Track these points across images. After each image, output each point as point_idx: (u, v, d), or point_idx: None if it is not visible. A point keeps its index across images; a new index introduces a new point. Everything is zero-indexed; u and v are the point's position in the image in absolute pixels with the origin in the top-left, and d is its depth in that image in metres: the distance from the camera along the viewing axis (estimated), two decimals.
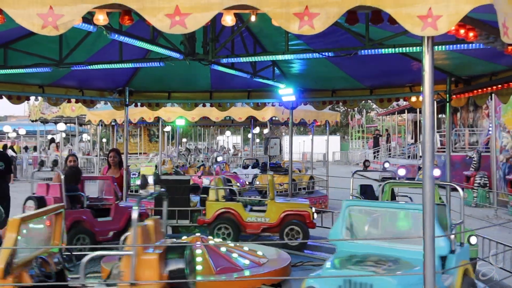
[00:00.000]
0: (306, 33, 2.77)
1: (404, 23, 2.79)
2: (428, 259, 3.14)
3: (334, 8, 2.77)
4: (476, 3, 2.72)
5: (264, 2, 2.76)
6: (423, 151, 3.17)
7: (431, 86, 3.13)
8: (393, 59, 7.02)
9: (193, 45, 6.17)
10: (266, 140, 18.48)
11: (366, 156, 37.76)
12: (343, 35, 6.22)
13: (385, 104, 9.98)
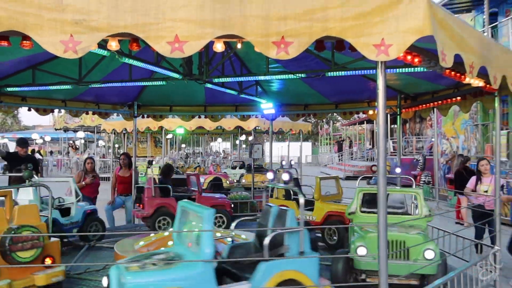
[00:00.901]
0: (282, 58, 2.78)
1: (362, 51, 2.80)
2: (381, 240, 3.14)
3: (305, 38, 2.78)
4: (419, 35, 2.74)
5: (248, 33, 2.76)
6: (377, 154, 3.18)
7: (384, 101, 3.14)
8: (354, 79, 7.04)
9: (190, 67, 6.15)
10: (251, 146, 18.43)
11: (333, 159, 37.87)
12: (314, 59, 6.24)
13: (348, 116, 10.02)
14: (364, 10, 2.78)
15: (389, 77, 7.08)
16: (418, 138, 25.41)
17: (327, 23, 2.80)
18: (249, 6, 2.76)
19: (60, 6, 2.66)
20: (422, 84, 7.10)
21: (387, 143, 27.67)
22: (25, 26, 2.65)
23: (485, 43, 3.74)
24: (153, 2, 2.70)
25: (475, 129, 15.90)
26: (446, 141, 18.01)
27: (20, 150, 7.93)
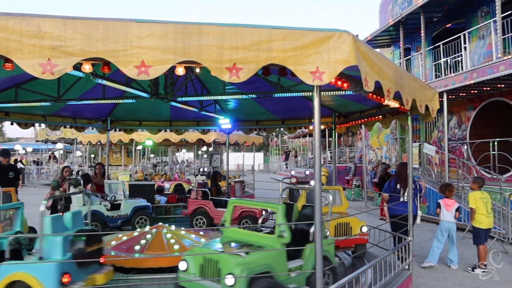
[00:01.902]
0: (234, 81, 2.80)
1: (300, 76, 2.87)
2: (317, 242, 3.19)
3: (253, 65, 2.82)
4: (346, 64, 2.84)
5: (205, 59, 2.77)
6: (314, 163, 3.23)
7: (319, 119, 3.21)
8: (297, 99, 7.14)
9: (157, 87, 6.05)
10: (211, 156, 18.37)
11: (281, 166, 38.21)
12: (263, 82, 6.27)
13: (292, 131, 10.23)
14: (302, 43, 2.85)
15: (325, 98, 7.26)
16: (351, 149, 26.07)
17: (272, 53, 2.85)
18: (206, 37, 2.78)
19: (39, 34, 2.60)
20: (352, 104, 7.31)
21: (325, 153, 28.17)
22: (7, 50, 2.59)
23: (399, 72, 3.90)
24: (122, 32, 2.67)
25: (395, 142, 16.51)
26: (372, 151, 18.59)
27: (3, 160, 7.87)
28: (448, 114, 12.70)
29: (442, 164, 11.94)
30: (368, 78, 3.08)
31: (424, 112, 4.86)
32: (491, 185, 10.17)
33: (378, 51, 15.09)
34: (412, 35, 15.64)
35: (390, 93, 3.60)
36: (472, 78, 10.23)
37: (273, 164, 45.63)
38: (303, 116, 9.16)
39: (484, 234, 6.72)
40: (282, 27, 2.88)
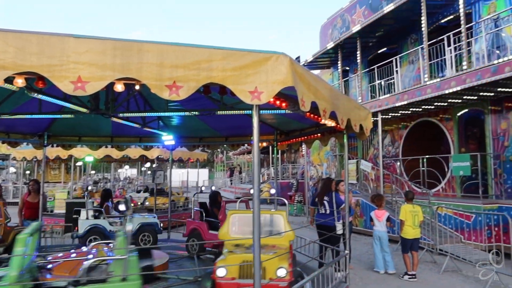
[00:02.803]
0: (174, 99, 2.81)
1: (239, 96, 2.93)
2: (256, 250, 3.21)
3: (193, 83, 2.84)
4: (283, 85, 2.94)
5: (144, 77, 2.75)
6: (253, 179, 3.28)
7: (258, 136, 3.27)
8: (240, 117, 7.22)
9: (97, 102, 5.86)
10: (154, 172, 17.95)
11: (226, 183, 38.08)
12: (207, 100, 6.31)
13: (235, 148, 10.23)
14: (241, 64, 2.92)
15: (267, 116, 7.41)
16: (293, 165, 26.62)
17: (212, 72, 2.89)
18: (146, 55, 2.77)
19: None
20: (293, 123, 7.51)
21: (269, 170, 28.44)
22: None
23: (334, 93, 4.10)
24: (58, 46, 2.60)
25: (335, 158, 17.10)
26: (313, 168, 19.09)
27: None
28: (383, 132, 13.41)
29: (377, 180, 12.53)
30: (304, 99, 3.21)
31: (358, 131, 5.11)
32: (421, 199, 10.81)
33: (318, 72, 15.74)
34: (350, 58, 16.44)
35: (326, 113, 3.76)
36: (403, 99, 10.92)
37: (218, 180, 45.39)
38: (246, 133, 9.25)
39: (409, 244, 7.17)
40: (222, 48, 2.94)
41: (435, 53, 11.45)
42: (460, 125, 11.56)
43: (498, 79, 8.08)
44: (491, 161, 10.11)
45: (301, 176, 21.84)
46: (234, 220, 5.64)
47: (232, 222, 5.62)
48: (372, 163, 13.78)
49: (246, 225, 5.45)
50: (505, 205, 9.23)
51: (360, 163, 12.73)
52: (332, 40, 16.31)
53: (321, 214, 7.19)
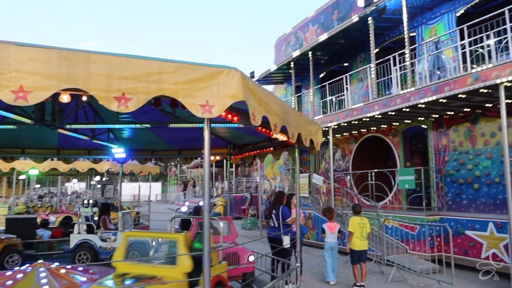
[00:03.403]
0: (123, 111, 2.75)
1: (191, 109, 2.92)
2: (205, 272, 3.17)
3: (143, 95, 2.80)
4: (234, 99, 2.96)
5: (92, 87, 2.68)
6: (203, 193, 3.25)
7: (209, 149, 3.28)
8: (193, 130, 7.16)
9: (43, 113, 5.61)
10: (103, 186, 17.32)
11: (179, 197, 37.43)
12: (159, 112, 6.23)
13: (188, 161, 10.12)
14: (192, 77, 2.92)
15: (221, 130, 7.41)
16: (247, 179, 26.66)
17: (162, 85, 2.86)
18: (94, 65, 2.70)
19: None
20: (246, 137, 7.56)
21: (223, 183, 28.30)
22: None
23: (285, 108, 4.18)
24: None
25: (288, 172, 17.33)
26: (267, 181, 19.22)
27: None
28: (334, 147, 13.79)
29: (328, 193, 12.82)
30: (255, 113, 3.25)
31: (309, 145, 5.22)
32: (370, 211, 11.18)
33: (272, 87, 15.91)
34: (303, 74, 16.86)
35: (277, 127, 3.83)
36: (352, 115, 11.32)
37: (171, 194, 44.56)
38: (199, 146, 9.07)
39: (357, 256, 7.39)
40: (173, 61, 2.93)
41: (382, 72, 12.01)
42: (406, 140, 12.14)
43: (438, 98, 8.59)
44: (433, 175, 10.66)
45: (255, 190, 21.90)
46: (129, 243, 4.83)
47: (127, 245, 4.80)
48: (324, 176, 14.10)
49: (141, 251, 4.74)
50: (446, 216, 9.75)
51: (312, 177, 12.98)
52: (286, 57, 16.70)
53: (271, 227, 7.26)
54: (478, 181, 9.55)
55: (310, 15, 17.29)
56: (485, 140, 9.51)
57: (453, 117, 10.31)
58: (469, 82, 7.87)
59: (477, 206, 9.52)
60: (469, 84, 7.87)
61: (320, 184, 12.86)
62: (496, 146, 9.18)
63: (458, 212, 9.72)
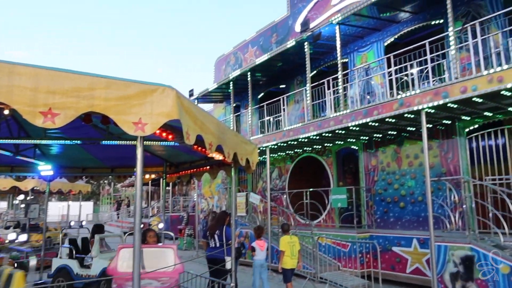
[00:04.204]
0: (49, 126, 2.61)
1: (122, 126, 2.84)
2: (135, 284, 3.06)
3: (71, 111, 2.69)
4: (169, 118, 2.93)
5: (15, 101, 2.52)
6: (134, 212, 3.16)
7: (142, 168, 3.22)
8: (128, 147, 6.92)
9: None
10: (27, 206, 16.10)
11: (112, 216, 35.77)
12: (92, 128, 5.98)
13: (121, 180, 9.72)
14: (125, 94, 2.86)
15: (157, 148, 7.25)
16: (185, 198, 26.20)
17: (93, 100, 2.77)
18: (18, 78, 2.56)
19: None
20: (183, 155, 7.46)
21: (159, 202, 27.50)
22: None
23: (221, 127, 4.21)
24: None
25: (225, 191, 17.30)
26: (205, 200, 19.03)
27: None
28: (271, 166, 14.03)
29: (265, 212, 12.95)
30: (190, 132, 3.24)
31: (245, 165, 5.28)
32: (304, 230, 11.44)
33: (212, 105, 15.95)
34: (241, 94, 17.11)
35: (212, 146, 3.83)
36: (289, 135, 11.64)
37: (103, 214, 42.45)
38: (134, 164, 8.81)
39: (289, 273, 7.57)
40: (105, 76, 2.86)
41: (318, 95, 12.53)
42: (339, 161, 12.67)
43: (368, 121, 9.12)
44: (364, 194, 11.20)
45: (192, 209, 21.56)
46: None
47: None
48: (261, 195, 14.25)
49: None
50: (375, 233, 10.24)
51: (249, 196, 13.07)
52: (225, 76, 16.87)
53: (211, 248, 7.22)
54: (404, 200, 10.18)
55: (250, 36, 17.70)
56: (409, 161, 10.20)
57: (382, 140, 10.97)
58: (395, 107, 8.45)
59: (403, 223, 10.11)
60: (395, 109, 8.45)
61: (257, 203, 12.97)
62: (419, 167, 9.88)
63: (386, 229, 10.26)
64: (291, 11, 15.44)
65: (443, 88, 7.61)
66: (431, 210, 7.65)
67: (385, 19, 11.07)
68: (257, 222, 13.33)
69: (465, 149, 9.16)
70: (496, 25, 8.84)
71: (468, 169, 9.03)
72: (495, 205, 7.85)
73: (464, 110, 8.25)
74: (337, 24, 10.79)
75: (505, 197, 7.49)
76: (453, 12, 8.66)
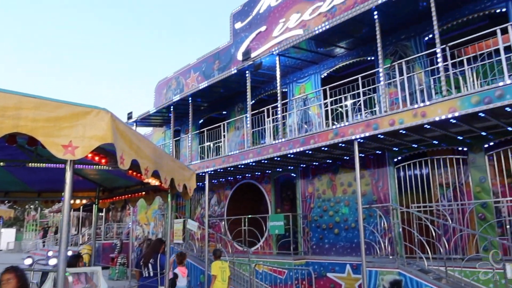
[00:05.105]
0: None
1: (51, 149, 2.70)
2: None
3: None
4: (102, 141, 2.84)
5: None
6: (60, 240, 2.97)
7: (70, 193, 3.06)
8: (58, 170, 6.54)
9: None
10: None
11: (37, 245, 33.16)
12: (18, 149, 5.61)
13: (49, 205, 9.07)
14: (55, 115, 2.74)
15: (90, 172, 6.93)
16: (119, 224, 25.05)
17: (19, 121, 2.62)
18: None
19: None
20: (118, 180, 7.19)
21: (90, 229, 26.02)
22: None
23: (158, 152, 4.14)
24: None
25: (162, 218, 16.81)
26: (140, 227, 18.32)
27: None
28: (210, 192, 13.90)
29: (203, 239, 12.72)
30: (124, 156, 3.15)
31: (182, 191, 5.19)
32: (242, 257, 11.36)
33: (151, 129, 15.65)
34: (182, 119, 16.98)
35: (148, 172, 3.74)
36: (228, 162, 11.67)
37: (27, 242, 39.26)
38: (63, 188, 8.40)
39: None
40: (35, 96, 2.72)
41: (258, 122, 12.77)
42: (277, 187, 12.87)
43: (305, 149, 9.41)
44: (300, 221, 11.41)
45: (126, 236, 20.62)
46: None
47: None
48: (199, 222, 14.01)
49: None
50: (311, 260, 10.42)
51: (187, 223, 12.80)
52: (166, 100, 16.69)
53: (144, 277, 6.96)
54: (338, 226, 10.51)
55: (193, 62, 17.79)
56: (343, 189, 10.61)
57: (318, 167, 11.34)
58: (330, 137, 8.83)
59: (337, 250, 10.40)
60: (330, 138, 8.82)
61: (195, 230, 12.72)
62: (352, 195, 10.30)
63: (321, 256, 10.48)
64: (234, 40, 15.78)
65: (374, 120, 8.09)
66: (363, 237, 7.97)
67: (322, 53, 11.67)
68: (194, 250, 13.04)
69: (394, 178, 9.73)
70: (420, 65, 9.66)
71: (396, 197, 9.57)
72: (420, 231, 8.34)
73: (393, 141, 8.81)
74: (278, 55, 11.18)
75: (429, 224, 8.00)
76: (383, 51, 9.35)
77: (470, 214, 8.37)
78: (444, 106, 7.06)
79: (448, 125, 7.66)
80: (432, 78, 9.20)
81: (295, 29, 13.20)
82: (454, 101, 6.95)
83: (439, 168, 9.06)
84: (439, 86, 8.60)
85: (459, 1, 9.05)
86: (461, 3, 9.13)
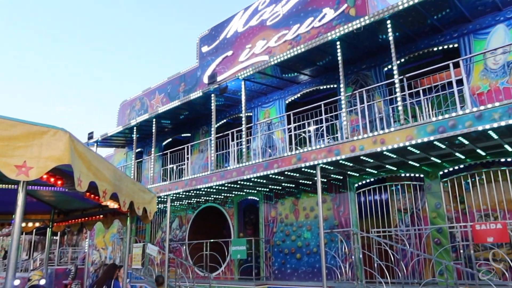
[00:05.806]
0: None
1: (3, 169, 2.59)
2: None
3: None
4: (59, 162, 2.75)
5: None
6: (7, 266, 2.81)
7: (21, 216, 2.93)
8: (10, 191, 6.25)
9: None
10: None
11: None
12: None
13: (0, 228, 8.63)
14: (9, 134, 2.64)
15: (45, 193, 6.64)
16: (74, 249, 23.92)
17: None
18: None
19: None
20: (74, 202, 6.92)
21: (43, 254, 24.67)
22: None
23: (118, 175, 4.05)
24: None
25: (121, 242, 16.23)
26: (97, 251, 17.58)
27: None
28: (172, 215, 13.62)
29: (163, 264, 12.36)
30: (82, 178, 3.06)
31: (142, 214, 5.07)
32: (203, 283, 11.10)
33: (113, 150, 15.27)
34: (145, 140, 16.70)
35: (107, 194, 3.64)
36: (191, 185, 11.53)
37: None
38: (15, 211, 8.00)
39: None
40: None
41: (222, 145, 12.76)
42: (240, 211, 12.80)
43: (268, 173, 9.47)
44: (263, 245, 11.35)
45: (81, 262, 19.70)
46: None
47: None
48: (160, 246, 13.64)
49: None
50: (273, 285, 10.32)
51: (146, 247, 12.42)
52: (129, 121, 16.40)
53: None
54: (300, 251, 10.52)
55: (158, 83, 17.68)
56: (306, 213, 10.70)
57: (281, 192, 11.40)
58: (293, 162, 8.94)
59: (299, 275, 10.37)
60: (294, 163, 8.93)
61: (154, 255, 12.35)
62: (314, 219, 10.39)
63: (283, 281, 10.42)
64: (200, 63, 15.87)
65: (336, 146, 8.29)
66: (324, 262, 8.01)
67: (286, 79, 11.93)
68: (153, 276, 12.62)
69: (355, 203, 9.92)
70: (380, 94, 10.05)
71: (357, 221, 9.74)
72: (380, 256, 8.50)
73: (354, 167, 9.03)
74: (243, 80, 11.32)
75: (388, 249, 8.17)
76: (345, 79, 9.69)
77: (427, 239, 8.63)
78: (402, 134, 7.35)
79: (406, 152, 7.96)
80: (391, 107, 9.58)
81: (261, 55, 13.46)
82: (411, 129, 7.25)
83: (397, 194, 9.34)
84: (397, 115, 8.97)
85: (415, 35, 9.58)
86: (417, 37, 9.66)
